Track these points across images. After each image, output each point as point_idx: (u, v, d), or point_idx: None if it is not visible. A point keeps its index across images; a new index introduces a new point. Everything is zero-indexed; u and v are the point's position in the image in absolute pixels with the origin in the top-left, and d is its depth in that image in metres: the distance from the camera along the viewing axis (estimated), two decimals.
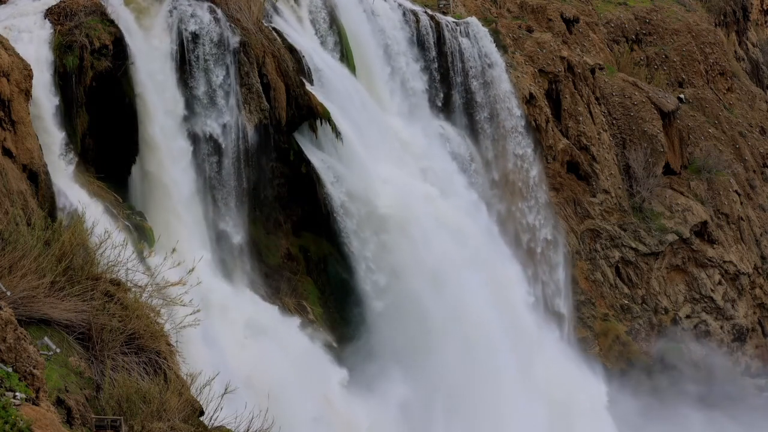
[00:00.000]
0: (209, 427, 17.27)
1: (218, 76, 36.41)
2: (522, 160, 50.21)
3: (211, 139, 35.96)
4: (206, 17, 36.55)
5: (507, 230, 48.56)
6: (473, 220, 42.61)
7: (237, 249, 36.29)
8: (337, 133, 40.03)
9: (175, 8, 36.20)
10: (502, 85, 50.13)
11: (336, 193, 39.59)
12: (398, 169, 42.34)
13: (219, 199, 35.97)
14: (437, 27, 49.85)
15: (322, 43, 44.03)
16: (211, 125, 35.85)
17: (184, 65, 35.87)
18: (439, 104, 49.37)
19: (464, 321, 38.32)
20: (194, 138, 35.68)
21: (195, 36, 36.09)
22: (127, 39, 34.45)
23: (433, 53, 49.46)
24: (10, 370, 13.34)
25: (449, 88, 49.84)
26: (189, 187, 34.71)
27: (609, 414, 44.14)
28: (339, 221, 39.77)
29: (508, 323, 40.56)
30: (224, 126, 36.18)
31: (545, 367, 41.83)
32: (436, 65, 49.45)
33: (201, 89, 36.09)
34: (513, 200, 49.48)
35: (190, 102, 35.90)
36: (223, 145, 36.13)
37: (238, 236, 36.30)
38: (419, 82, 48.48)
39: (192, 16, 36.23)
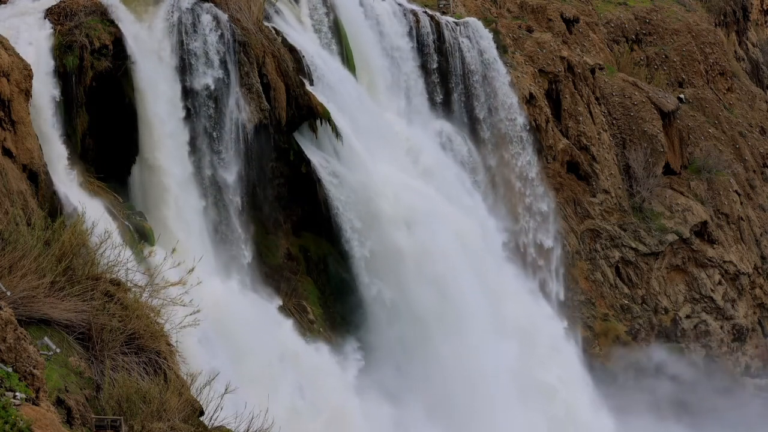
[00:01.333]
0: (209, 427, 17.26)
1: (218, 76, 36.42)
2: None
3: (206, 88, 36.22)
4: (206, 17, 36.54)
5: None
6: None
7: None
8: (337, 133, 40.05)
9: (174, 8, 36.18)
10: (498, 65, 51.42)
11: (336, 192, 39.66)
12: (397, 168, 42.56)
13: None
14: (437, 27, 49.95)
15: (322, 43, 44.06)
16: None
17: (184, 65, 35.85)
18: (439, 101, 49.60)
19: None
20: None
21: (194, 35, 36.07)
22: (127, 39, 34.46)
23: (433, 53, 49.57)
24: (10, 370, 13.33)
25: (449, 87, 50.02)
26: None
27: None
28: (339, 221, 39.86)
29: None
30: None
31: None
32: (435, 64, 49.60)
33: (201, 90, 36.10)
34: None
35: (191, 104, 35.90)
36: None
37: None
38: (419, 81, 48.65)
39: (192, 16, 36.21)
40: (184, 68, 35.78)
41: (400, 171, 42.49)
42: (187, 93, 35.78)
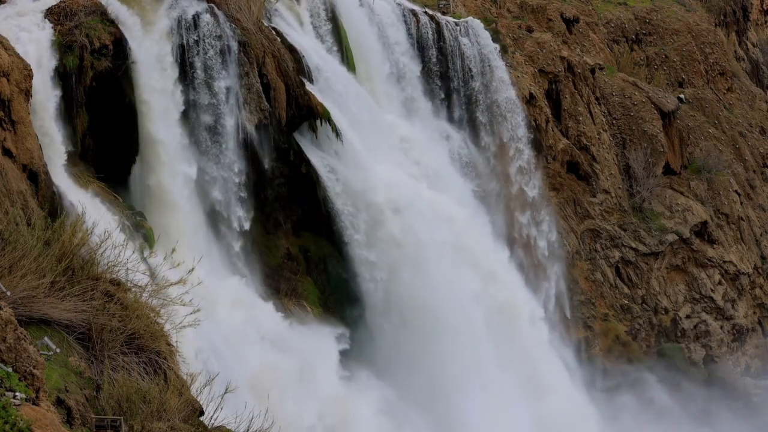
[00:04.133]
0: (209, 427, 17.26)
1: (217, 76, 36.40)
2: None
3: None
4: (206, 17, 36.53)
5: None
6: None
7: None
8: (337, 133, 40.05)
9: (174, 8, 36.18)
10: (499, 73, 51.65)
11: (336, 192, 39.67)
12: (397, 168, 42.64)
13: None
14: (437, 27, 49.95)
15: (322, 43, 44.07)
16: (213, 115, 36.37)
17: (184, 64, 35.85)
18: (438, 101, 49.65)
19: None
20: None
21: (194, 35, 36.06)
22: (127, 39, 34.46)
23: (433, 53, 49.59)
24: (10, 370, 13.33)
25: (448, 86, 50.04)
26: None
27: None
28: (339, 220, 39.89)
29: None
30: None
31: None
32: (435, 65, 49.61)
33: (201, 90, 36.10)
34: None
35: (191, 106, 35.91)
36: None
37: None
38: (419, 81, 48.69)
39: (191, 16, 36.20)
40: (184, 68, 35.80)
41: (399, 169, 42.53)
42: (187, 92, 35.80)
